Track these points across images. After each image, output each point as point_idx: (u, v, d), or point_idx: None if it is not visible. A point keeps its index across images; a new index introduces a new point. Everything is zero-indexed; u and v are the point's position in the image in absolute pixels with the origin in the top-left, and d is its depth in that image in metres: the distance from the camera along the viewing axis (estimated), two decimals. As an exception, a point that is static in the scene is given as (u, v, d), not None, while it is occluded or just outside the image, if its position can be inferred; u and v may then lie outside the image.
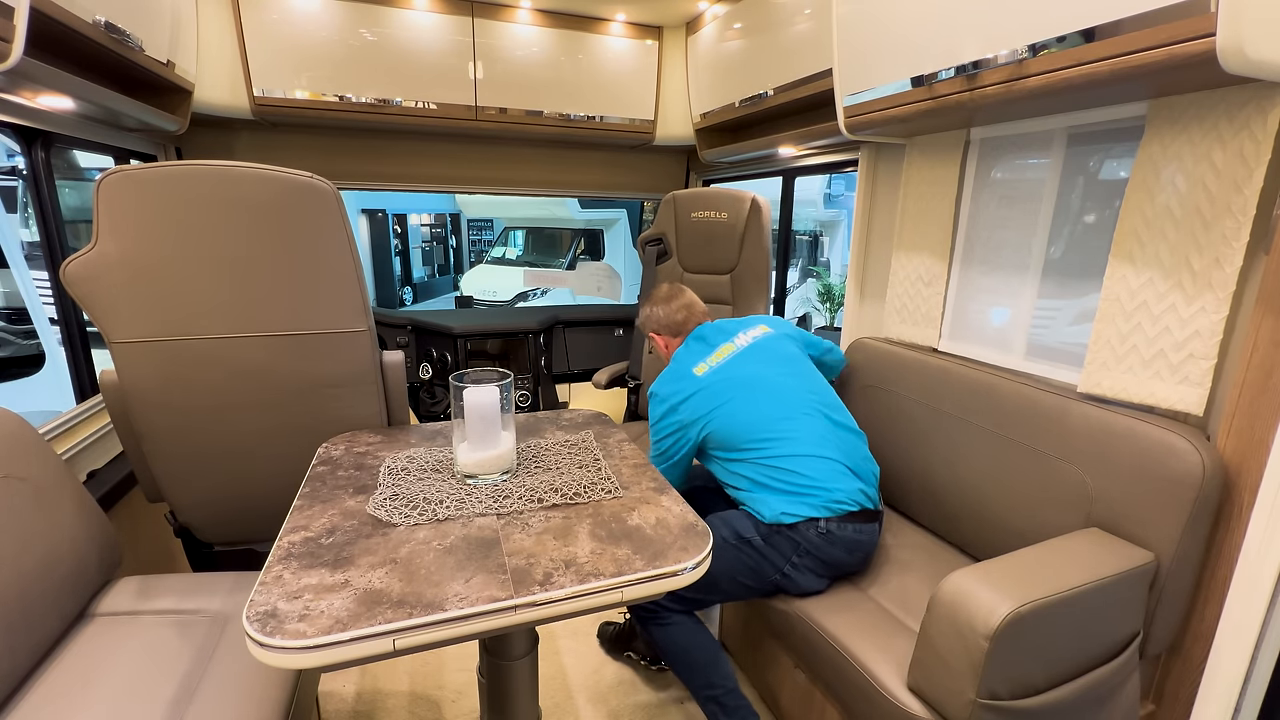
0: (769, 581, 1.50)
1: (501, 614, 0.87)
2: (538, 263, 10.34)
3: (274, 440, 1.55)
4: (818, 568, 1.47)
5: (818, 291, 7.23)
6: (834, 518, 1.46)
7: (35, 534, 1.19)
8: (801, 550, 1.46)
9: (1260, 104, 1.06)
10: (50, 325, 3.77)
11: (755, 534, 1.49)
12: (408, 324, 3.11)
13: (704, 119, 2.71)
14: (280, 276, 1.43)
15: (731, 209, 2.45)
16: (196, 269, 1.37)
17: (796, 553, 1.47)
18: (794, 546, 1.46)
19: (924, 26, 1.41)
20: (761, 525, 1.50)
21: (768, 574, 1.49)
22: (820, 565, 1.47)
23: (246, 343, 1.45)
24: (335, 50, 2.28)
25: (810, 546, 1.45)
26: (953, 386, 1.64)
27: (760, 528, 1.50)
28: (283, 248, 1.40)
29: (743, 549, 1.50)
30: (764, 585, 1.51)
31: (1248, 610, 1.10)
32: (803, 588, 1.48)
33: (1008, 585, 1.06)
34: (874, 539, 1.52)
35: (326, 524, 1.06)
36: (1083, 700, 1.13)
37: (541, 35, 2.51)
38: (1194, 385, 1.20)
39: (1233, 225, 1.12)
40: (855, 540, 1.47)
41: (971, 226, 1.75)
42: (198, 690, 1.12)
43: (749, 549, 1.49)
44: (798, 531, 1.46)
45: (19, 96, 1.46)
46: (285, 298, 1.44)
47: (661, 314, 1.80)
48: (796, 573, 1.47)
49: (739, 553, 1.50)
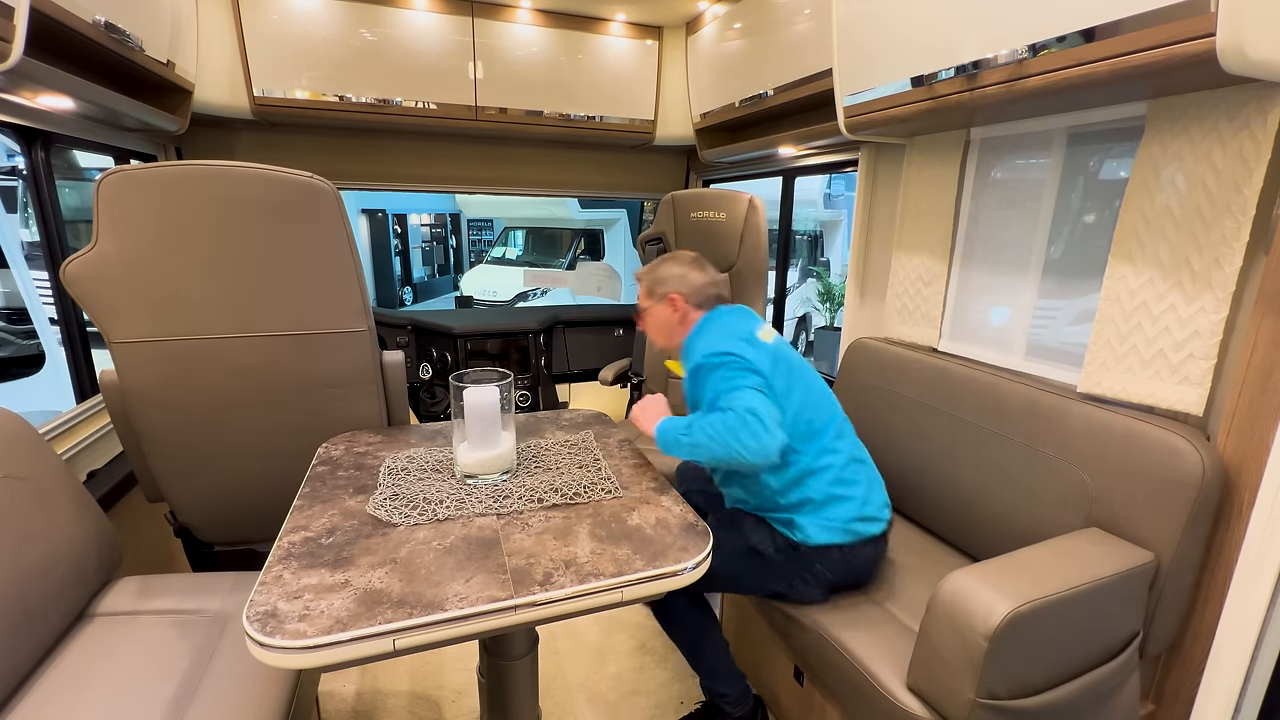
0: (769, 590, 1.47)
1: (501, 614, 0.87)
2: (538, 263, 10.32)
3: (274, 440, 1.55)
4: (825, 585, 1.43)
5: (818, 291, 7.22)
6: (858, 542, 1.41)
7: (35, 534, 1.19)
8: (816, 571, 1.41)
9: (1260, 104, 1.06)
10: (50, 325, 3.77)
11: (771, 547, 1.42)
12: (408, 324, 3.11)
13: (704, 119, 2.71)
14: (280, 276, 1.43)
15: (730, 209, 2.47)
16: (196, 269, 1.37)
17: (810, 571, 1.41)
18: (809, 566, 1.41)
19: (924, 26, 1.41)
20: (780, 539, 1.43)
21: (771, 585, 1.45)
22: (829, 583, 1.43)
23: (246, 342, 1.45)
24: (335, 50, 2.28)
25: (826, 567, 1.41)
26: (953, 386, 1.64)
27: (778, 540, 1.43)
28: (283, 248, 1.40)
29: (751, 559, 1.44)
30: (762, 591, 1.49)
31: (1248, 610, 1.10)
32: (804, 599, 1.44)
33: (1007, 585, 1.06)
34: (884, 556, 1.50)
35: (326, 524, 1.06)
36: (1083, 700, 1.13)
37: (541, 35, 2.51)
38: (1194, 385, 1.20)
39: (1233, 225, 1.12)
40: (871, 559, 1.45)
41: (971, 226, 1.75)
42: (198, 690, 1.12)
43: (758, 560, 1.43)
44: (819, 553, 1.40)
45: (19, 96, 1.46)
46: (285, 298, 1.44)
47: (698, 280, 1.54)
48: (804, 587, 1.43)
49: (746, 562, 1.44)
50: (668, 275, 1.55)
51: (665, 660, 1.96)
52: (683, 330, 1.54)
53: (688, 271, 1.55)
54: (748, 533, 1.45)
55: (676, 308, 1.53)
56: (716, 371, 1.35)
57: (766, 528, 1.45)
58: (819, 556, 1.40)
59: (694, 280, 1.54)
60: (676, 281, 1.54)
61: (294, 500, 1.15)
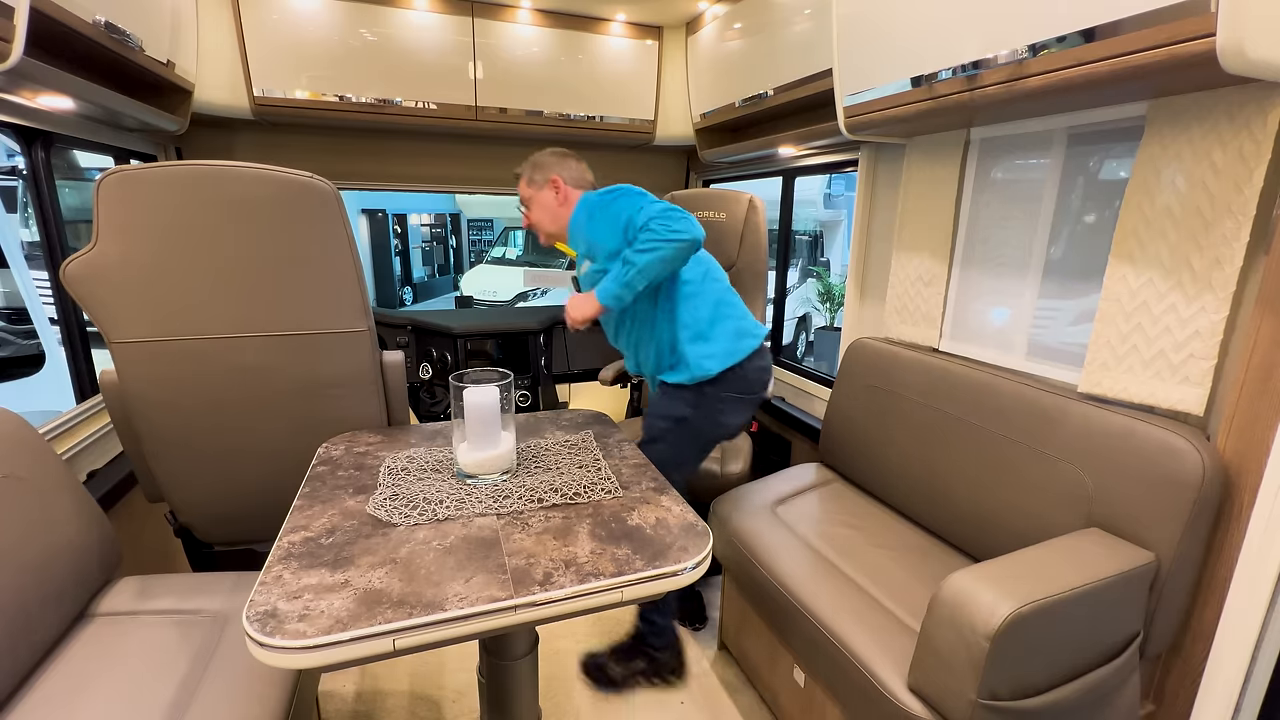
0: (711, 439, 1.74)
1: (501, 614, 0.87)
2: (538, 263, 10.31)
3: (273, 440, 1.55)
4: (737, 405, 1.69)
5: (818, 291, 7.22)
6: (744, 359, 1.66)
7: (35, 534, 1.19)
8: (724, 397, 1.66)
9: (1260, 104, 1.06)
10: (50, 325, 3.77)
11: (686, 406, 1.66)
12: (408, 324, 3.11)
13: (704, 119, 2.71)
14: (280, 276, 1.42)
15: (730, 209, 2.48)
16: (195, 269, 1.37)
17: (720, 401, 1.66)
18: (717, 398, 1.66)
19: (924, 26, 1.41)
20: (687, 394, 1.66)
21: (706, 432, 1.71)
22: (738, 401, 1.69)
23: (245, 343, 1.45)
24: (335, 50, 2.28)
25: (731, 389, 1.66)
26: (953, 386, 1.64)
27: (686, 395, 1.66)
28: (282, 248, 1.40)
29: (682, 427, 1.67)
30: (706, 444, 1.75)
31: (1248, 610, 1.10)
32: (734, 430, 1.73)
33: (1008, 585, 1.06)
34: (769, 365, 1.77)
35: (326, 524, 1.06)
36: (1083, 700, 1.13)
37: (541, 35, 2.51)
38: (1194, 385, 1.20)
39: (1233, 225, 1.12)
40: (762, 368, 1.71)
41: (972, 226, 1.75)
42: (198, 690, 1.12)
43: (684, 425, 1.67)
44: (719, 382, 1.64)
45: (19, 96, 1.46)
46: (285, 298, 1.44)
47: (573, 164, 1.76)
48: (726, 418, 1.69)
49: (679, 433, 1.68)
50: (545, 162, 1.75)
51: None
52: (566, 211, 1.72)
53: (562, 158, 1.76)
54: (666, 410, 1.69)
55: (558, 188, 1.71)
56: (617, 202, 1.57)
57: (673, 393, 1.69)
58: (721, 385, 1.65)
59: (570, 164, 1.75)
60: (555, 166, 1.73)
61: (294, 500, 1.15)
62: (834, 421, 2.03)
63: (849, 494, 1.91)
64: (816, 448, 2.14)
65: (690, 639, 2.06)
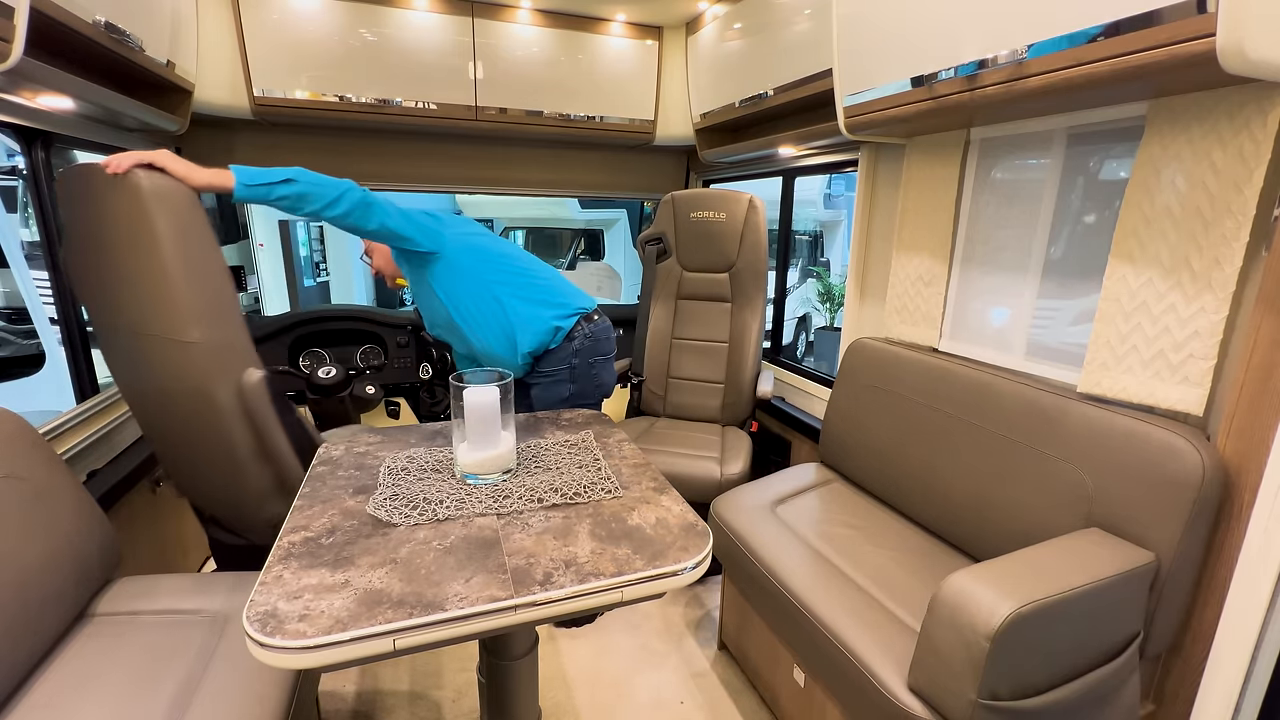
0: (594, 402, 1.92)
1: (501, 614, 0.87)
2: (538, 262, 10.31)
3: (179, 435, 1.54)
4: (605, 360, 1.90)
5: (818, 292, 7.22)
6: (584, 317, 1.86)
7: (35, 534, 1.19)
8: (587, 352, 1.85)
9: (1260, 104, 1.06)
10: (50, 325, 3.78)
11: (566, 386, 1.84)
12: (407, 324, 3.11)
13: (704, 119, 2.71)
14: (115, 274, 1.37)
15: (730, 209, 2.48)
16: (92, 262, 1.41)
17: (588, 362, 1.85)
18: (586, 361, 1.85)
19: (924, 27, 1.41)
20: (561, 375, 1.83)
21: (591, 397, 1.91)
22: (605, 357, 1.90)
23: (117, 339, 1.47)
24: (335, 50, 2.28)
25: (589, 342, 1.85)
26: (953, 386, 1.64)
27: (560, 376, 1.84)
28: (107, 238, 1.35)
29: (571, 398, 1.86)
30: (594, 397, 1.93)
31: (1248, 610, 1.09)
32: (613, 381, 1.95)
33: (1008, 586, 1.06)
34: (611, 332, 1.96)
35: (326, 524, 1.06)
36: (1083, 700, 1.13)
37: (541, 35, 2.51)
38: (1194, 385, 1.20)
39: (1233, 225, 1.12)
40: (606, 328, 1.91)
41: (971, 226, 1.75)
42: (198, 690, 1.12)
43: (572, 401, 1.86)
44: (574, 340, 1.82)
45: (19, 96, 1.46)
46: (121, 292, 1.38)
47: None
48: (602, 374, 1.90)
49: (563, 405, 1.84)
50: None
51: (666, 660, 1.96)
52: (387, 250, 1.92)
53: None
54: (547, 401, 1.85)
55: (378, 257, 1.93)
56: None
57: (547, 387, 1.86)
58: (577, 342, 1.83)
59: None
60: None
61: (294, 501, 1.15)
62: (834, 421, 2.03)
63: (849, 494, 1.91)
64: (816, 448, 2.14)
65: (691, 639, 2.06)
